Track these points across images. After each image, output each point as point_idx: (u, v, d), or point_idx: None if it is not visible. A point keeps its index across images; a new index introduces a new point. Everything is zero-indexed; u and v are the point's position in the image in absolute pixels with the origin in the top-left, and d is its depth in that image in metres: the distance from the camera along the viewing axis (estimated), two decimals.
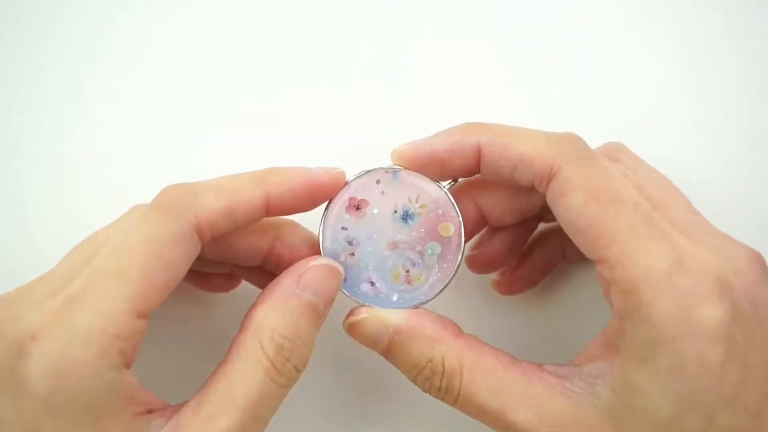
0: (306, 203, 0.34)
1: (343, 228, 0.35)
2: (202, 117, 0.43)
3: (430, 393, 0.34)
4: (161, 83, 0.44)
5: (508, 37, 0.44)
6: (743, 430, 0.30)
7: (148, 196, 0.33)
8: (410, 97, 0.44)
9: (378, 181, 0.36)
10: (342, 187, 0.35)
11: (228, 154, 0.43)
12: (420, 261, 0.35)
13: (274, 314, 0.32)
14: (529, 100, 0.43)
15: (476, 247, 0.39)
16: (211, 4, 0.45)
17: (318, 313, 0.33)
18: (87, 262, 0.31)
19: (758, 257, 0.32)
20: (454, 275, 0.35)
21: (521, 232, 0.39)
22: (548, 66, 0.44)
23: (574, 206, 0.32)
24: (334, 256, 0.35)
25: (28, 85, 0.44)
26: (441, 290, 0.35)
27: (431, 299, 0.35)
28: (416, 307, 0.35)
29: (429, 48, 0.44)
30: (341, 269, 0.34)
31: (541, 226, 0.40)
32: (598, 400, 0.31)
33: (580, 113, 0.41)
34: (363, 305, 0.35)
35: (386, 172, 0.36)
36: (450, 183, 0.36)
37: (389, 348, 0.34)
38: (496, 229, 0.39)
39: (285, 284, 0.33)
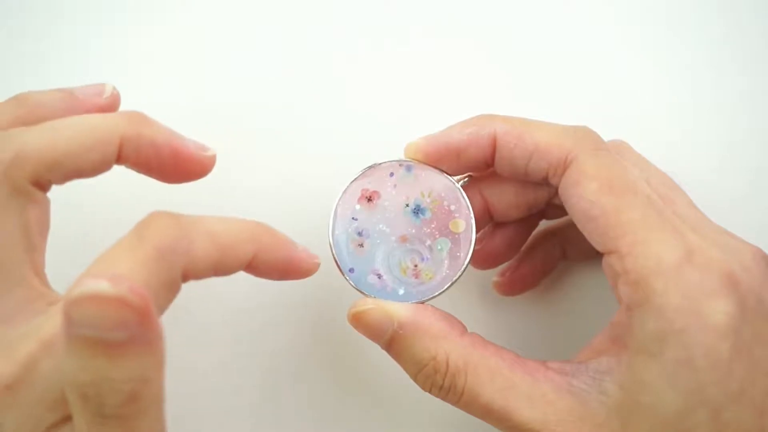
0: (279, 276, 0.32)
1: (353, 219, 0.35)
2: (204, 112, 0.43)
3: (430, 392, 0.33)
4: (170, 79, 0.44)
5: (506, 36, 0.44)
6: (748, 425, 0.30)
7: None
8: (416, 92, 0.44)
9: (391, 174, 0.36)
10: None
11: (233, 153, 0.42)
12: (429, 256, 0.35)
13: None
14: (525, 100, 0.43)
15: (478, 242, 0.38)
16: (212, 3, 0.45)
17: None
18: None
19: (762, 254, 0.33)
20: (462, 272, 0.35)
21: (523, 229, 0.39)
22: (547, 66, 0.44)
23: (588, 194, 0.32)
24: (343, 246, 0.35)
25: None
26: (448, 287, 0.35)
27: (438, 295, 0.35)
28: (423, 302, 0.34)
29: (432, 47, 0.44)
30: None
31: (542, 225, 0.40)
32: (605, 396, 0.31)
33: (576, 112, 0.42)
34: (368, 297, 0.34)
35: (400, 165, 0.36)
36: (463, 180, 0.36)
37: (392, 341, 0.33)
38: (497, 225, 0.39)
39: None
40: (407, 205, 0.35)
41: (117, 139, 0.30)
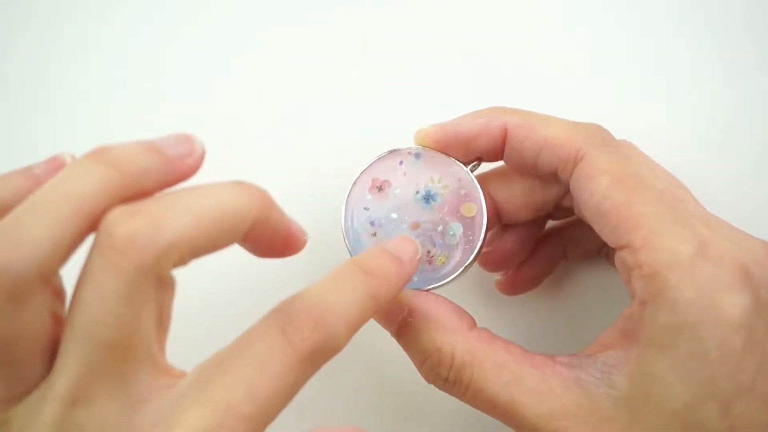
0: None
1: (365, 209, 0.36)
2: (211, 106, 0.44)
3: (434, 383, 0.33)
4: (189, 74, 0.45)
5: (507, 38, 0.44)
6: (759, 419, 0.30)
7: None
8: (424, 88, 0.44)
9: (401, 162, 0.36)
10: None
11: (243, 146, 0.44)
12: (442, 241, 0.35)
13: None
14: (529, 98, 0.43)
15: (487, 244, 0.39)
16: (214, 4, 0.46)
17: None
18: None
19: None
20: (476, 256, 0.35)
21: (531, 230, 0.39)
22: (549, 67, 0.44)
23: (600, 190, 0.32)
24: (357, 237, 0.35)
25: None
26: (462, 271, 0.35)
27: (452, 280, 0.35)
28: (437, 287, 0.35)
29: (440, 44, 0.44)
30: None
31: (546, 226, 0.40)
32: (614, 389, 0.31)
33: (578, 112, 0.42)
34: None
35: (409, 153, 0.36)
36: (473, 164, 0.36)
37: (401, 328, 0.33)
38: (506, 227, 0.39)
39: None
40: (418, 192, 0.36)
41: (250, 222, 0.27)
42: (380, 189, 0.36)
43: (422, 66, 0.44)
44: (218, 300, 0.41)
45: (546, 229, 0.40)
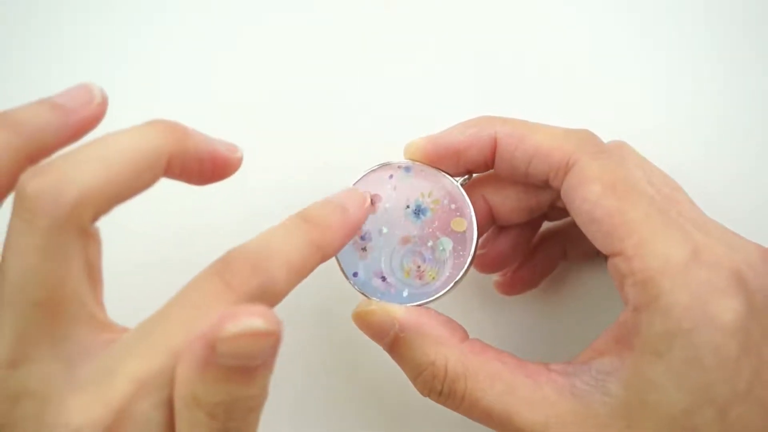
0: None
1: None
2: (206, 110, 0.44)
3: (429, 397, 0.34)
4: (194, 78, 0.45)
5: (508, 40, 0.44)
6: (756, 424, 0.30)
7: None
8: (417, 96, 0.44)
9: (391, 176, 0.36)
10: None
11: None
12: (431, 257, 0.35)
13: None
14: (526, 101, 0.43)
15: (482, 246, 0.39)
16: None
17: None
18: None
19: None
20: (466, 271, 0.35)
21: (527, 232, 0.39)
22: (548, 69, 0.43)
23: (592, 197, 0.32)
24: (347, 251, 0.35)
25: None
26: (451, 287, 0.35)
27: (442, 295, 0.35)
28: (427, 302, 0.35)
29: (434, 50, 0.44)
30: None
31: (543, 226, 0.40)
32: (609, 397, 0.31)
33: (576, 114, 0.41)
34: (372, 300, 0.35)
35: (399, 167, 0.36)
36: (464, 178, 0.36)
37: (394, 343, 0.34)
38: (501, 229, 0.39)
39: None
40: (408, 206, 0.36)
41: (165, 158, 0.28)
42: (370, 203, 0.36)
43: (422, 66, 0.44)
44: None
45: (545, 230, 0.40)
